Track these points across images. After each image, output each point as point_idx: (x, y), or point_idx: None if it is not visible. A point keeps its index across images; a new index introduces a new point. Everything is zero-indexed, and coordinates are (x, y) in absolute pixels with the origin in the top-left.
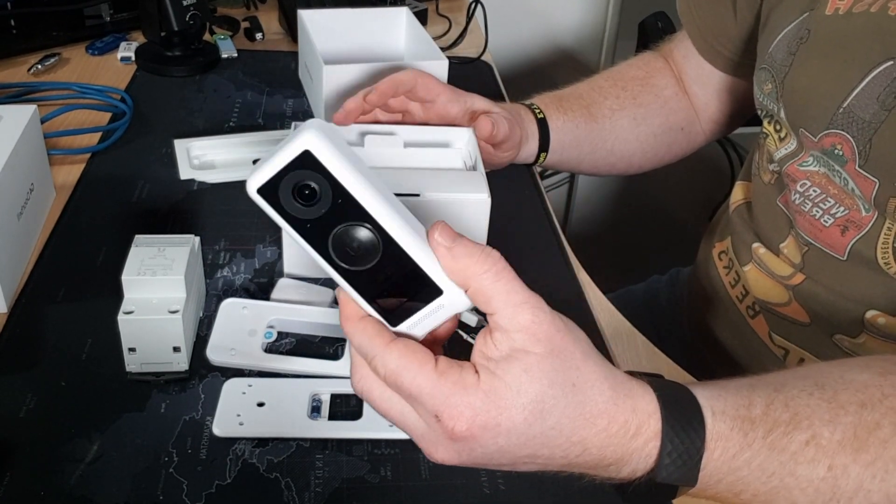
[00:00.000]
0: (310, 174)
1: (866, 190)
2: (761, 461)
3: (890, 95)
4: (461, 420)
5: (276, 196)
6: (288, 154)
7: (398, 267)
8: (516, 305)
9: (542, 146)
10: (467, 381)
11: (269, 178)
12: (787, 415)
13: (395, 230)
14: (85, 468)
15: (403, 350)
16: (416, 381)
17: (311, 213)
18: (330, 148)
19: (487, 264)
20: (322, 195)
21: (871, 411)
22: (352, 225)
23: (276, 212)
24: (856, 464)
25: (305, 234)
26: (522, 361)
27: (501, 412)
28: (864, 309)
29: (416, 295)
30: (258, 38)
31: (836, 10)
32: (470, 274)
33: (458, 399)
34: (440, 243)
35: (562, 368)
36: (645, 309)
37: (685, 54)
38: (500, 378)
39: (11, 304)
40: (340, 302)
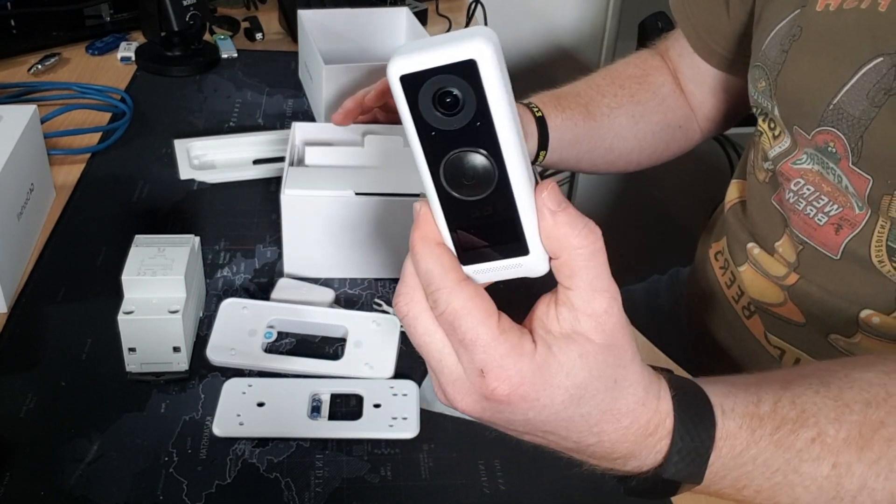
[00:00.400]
0: (463, 85)
1: (860, 187)
2: (767, 458)
3: (879, 92)
4: (506, 384)
5: (416, 90)
6: (451, 54)
7: (499, 211)
8: (596, 291)
9: (541, 145)
10: (525, 347)
11: (419, 69)
12: (795, 412)
13: (517, 175)
14: (85, 468)
15: (473, 294)
16: (476, 330)
17: (444, 124)
18: (496, 67)
19: (588, 241)
20: (464, 109)
21: (876, 410)
22: (477, 152)
23: (408, 107)
24: (860, 462)
25: (426, 141)
26: (581, 346)
27: (546, 388)
28: (859, 308)
29: (501, 245)
30: (258, 39)
31: (826, 7)
32: (565, 245)
33: (511, 362)
34: (546, 205)
35: (612, 364)
36: (645, 308)
37: (680, 52)
38: (555, 355)
39: (11, 304)
40: (420, 218)
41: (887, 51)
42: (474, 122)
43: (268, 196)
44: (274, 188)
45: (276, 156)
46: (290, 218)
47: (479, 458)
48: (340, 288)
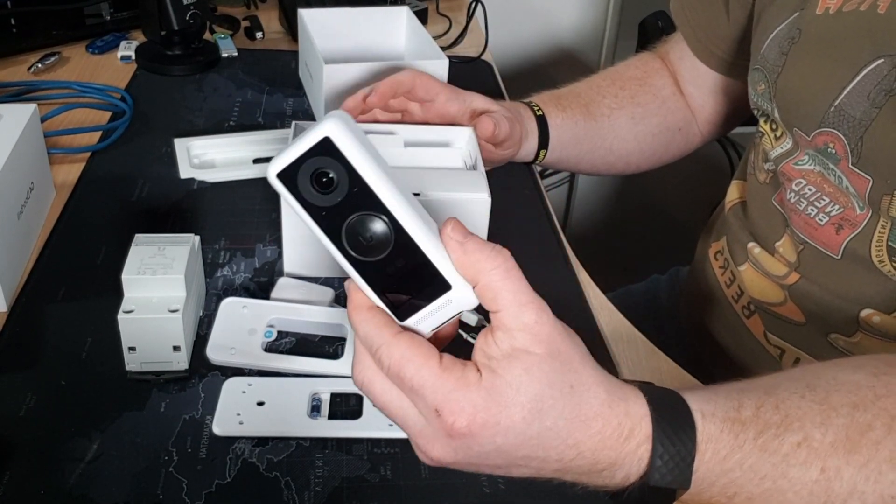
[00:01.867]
0: (328, 161)
1: (860, 188)
2: (753, 463)
3: (880, 93)
4: (462, 416)
5: (294, 182)
6: (309, 140)
7: (409, 259)
8: (521, 305)
9: (541, 143)
10: (469, 378)
11: (289, 163)
12: (778, 417)
13: (408, 222)
14: (85, 467)
15: (409, 342)
16: (420, 374)
17: (327, 201)
18: (350, 137)
19: (498, 261)
20: (339, 183)
21: (864, 412)
22: (366, 215)
23: (294, 197)
24: (849, 466)
25: (320, 221)
26: (523, 361)
27: (501, 410)
28: (859, 308)
29: (424, 289)
30: (258, 38)
31: (826, 10)
32: (480, 269)
33: (460, 395)
34: (452, 237)
35: (561, 370)
36: (645, 308)
37: (680, 55)
38: (501, 376)
39: (11, 303)
40: (349, 292)
41: (887, 52)
42: (352, 189)
43: (268, 195)
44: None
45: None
46: (290, 217)
47: None
48: (340, 287)
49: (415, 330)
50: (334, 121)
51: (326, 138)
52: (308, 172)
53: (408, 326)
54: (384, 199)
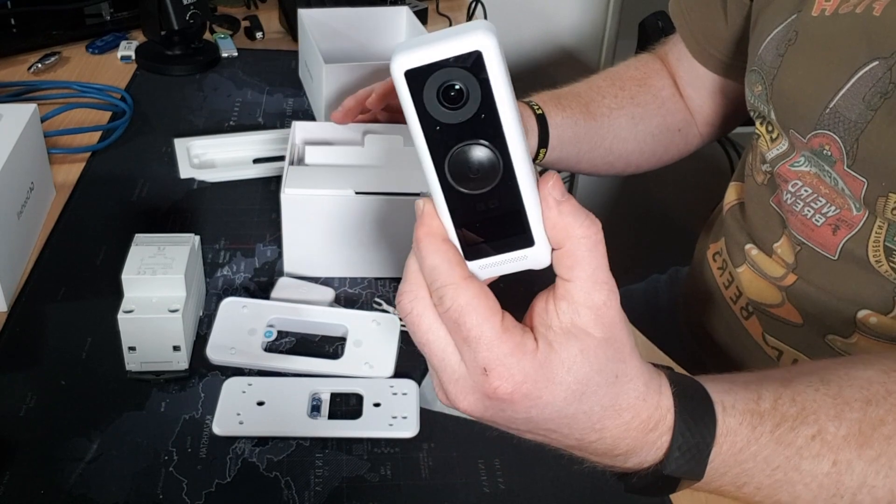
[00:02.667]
0: (468, 77)
1: (856, 189)
2: (767, 455)
3: (875, 95)
4: (509, 382)
5: (420, 85)
6: (455, 47)
7: (504, 203)
8: (596, 282)
9: (541, 142)
10: (527, 346)
11: (424, 63)
12: (795, 409)
13: (521, 166)
14: (85, 467)
15: (478, 291)
16: (481, 328)
17: (448, 117)
18: (500, 58)
19: (591, 231)
20: (468, 103)
21: (876, 408)
22: (483, 144)
23: (413, 102)
24: (860, 459)
25: (431, 136)
26: (581, 341)
27: (548, 385)
28: (856, 308)
29: (506, 238)
30: (258, 37)
31: (822, 12)
32: (570, 234)
33: (514, 361)
34: (551, 194)
35: (613, 358)
36: (645, 308)
37: (679, 57)
38: (557, 352)
39: (11, 303)
40: (424, 214)
41: (882, 54)
42: (479, 114)
43: (268, 195)
44: (274, 187)
45: (276, 155)
46: (290, 217)
47: (479, 457)
48: (340, 287)
49: (476, 274)
50: (487, 34)
51: (477, 52)
52: (440, 80)
53: (472, 269)
54: (509, 135)
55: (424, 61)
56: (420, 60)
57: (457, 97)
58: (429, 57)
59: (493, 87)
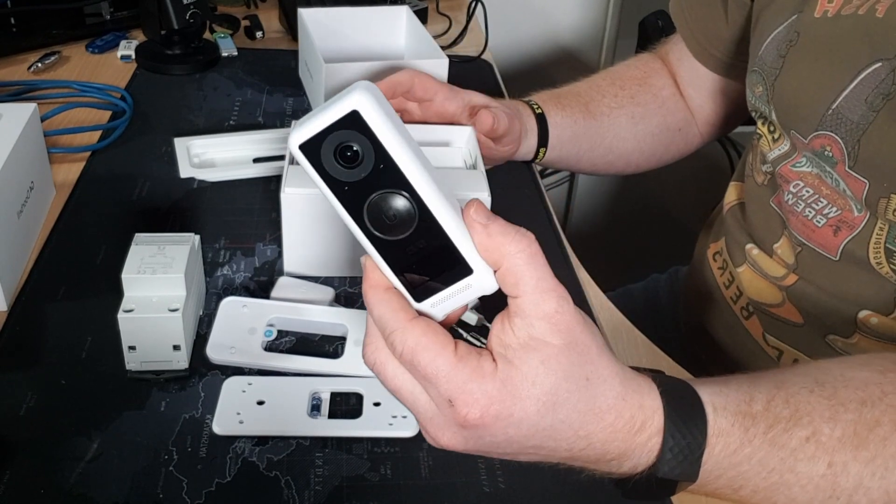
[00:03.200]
0: (355, 136)
1: (856, 191)
2: (762, 457)
3: (878, 97)
4: (475, 407)
5: (317, 154)
6: (335, 113)
7: (431, 240)
8: (543, 292)
9: (540, 141)
10: (485, 369)
11: (313, 134)
12: (788, 411)
13: (434, 203)
14: (85, 466)
15: (426, 329)
16: (435, 363)
17: (351, 176)
18: (378, 111)
19: (522, 244)
20: (364, 158)
21: (872, 409)
22: (390, 192)
23: (315, 170)
24: (856, 461)
25: (342, 196)
26: (540, 352)
27: (516, 402)
28: (857, 309)
29: (445, 272)
30: (258, 37)
31: (824, 13)
32: (504, 253)
33: (475, 386)
34: (476, 220)
35: (578, 362)
36: (644, 307)
37: (679, 56)
38: (517, 367)
39: (11, 302)
40: (366, 269)
41: (885, 56)
42: (377, 165)
43: (268, 194)
44: (274, 186)
45: (276, 154)
46: (290, 216)
47: (479, 456)
48: (340, 286)
49: (428, 314)
50: (362, 93)
51: (354, 112)
52: (332, 145)
53: (422, 310)
54: (411, 177)
55: (312, 132)
56: (308, 133)
57: (352, 156)
58: (315, 128)
59: (380, 139)
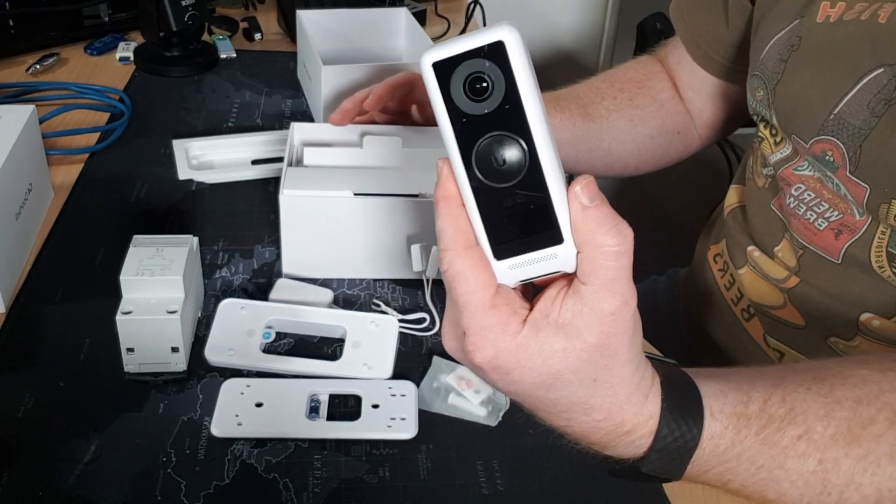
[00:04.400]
0: (492, 68)
1: (858, 195)
2: (751, 455)
3: (880, 102)
4: (481, 353)
5: (448, 77)
6: (480, 39)
7: (531, 197)
8: (610, 292)
9: None
10: (510, 326)
11: (451, 55)
12: (784, 410)
13: (546, 159)
14: (83, 468)
15: (475, 262)
16: (469, 297)
17: (474, 109)
18: (522, 50)
19: (614, 241)
20: (493, 94)
21: (867, 406)
22: (508, 136)
23: (440, 93)
24: (847, 458)
25: (458, 127)
26: (568, 340)
27: (518, 366)
28: (859, 312)
29: (535, 234)
30: (257, 39)
31: (827, 18)
32: (590, 241)
33: (491, 335)
34: (578, 197)
35: (598, 364)
36: (643, 309)
37: (679, 59)
38: (540, 340)
39: (10, 304)
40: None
41: (888, 61)
42: (504, 105)
43: (266, 196)
44: (272, 188)
45: (274, 156)
46: (288, 218)
47: (478, 458)
48: (339, 288)
49: (503, 278)
50: (511, 28)
51: (500, 42)
52: (466, 72)
53: (499, 270)
54: (534, 127)
55: (450, 53)
56: (446, 53)
57: (483, 88)
58: (454, 49)
59: (517, 78)
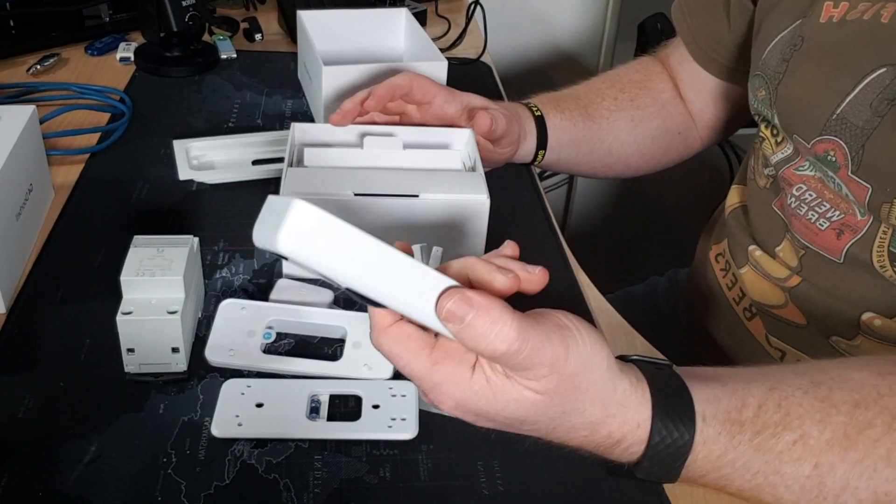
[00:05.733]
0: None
1: (859, 195)
2: (745, 461)
3: (883, 102)
4: (445, 405)
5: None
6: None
7: None
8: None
9: (539, 144)
10: (458, 377)
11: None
12: (779, 415)
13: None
14: (83, 469)
15: (399, 336)
16: (411, 366)
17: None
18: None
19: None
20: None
21: (865, 411)
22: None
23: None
24: (843, 462)
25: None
26: (518, 392)
27: (486, 407)
28: (860, 311)
29: None
30: (257, 39)
31: (829, 18)
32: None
33: (445, 389)
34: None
35: (557, 403)
36: (643, 309)
37: (680, 60)
38: (492, 390)
39: (10, 304)
40: None
41: (890, 61)
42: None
43: (267, 196)
44: (273, 188)
45: (275, 156)
46: None
47: (478, 459)
48: (339, 289)
49: None
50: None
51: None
52: None
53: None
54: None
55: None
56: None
57: None
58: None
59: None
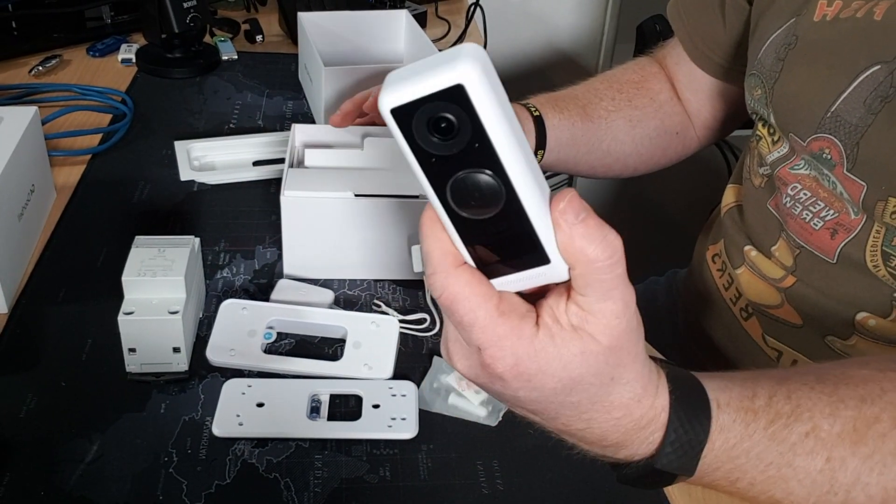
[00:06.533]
0: (455, 109)
1: (854, 193)
2: (760, 451)
3: (876, 99)
4: (503, 362)
5: (409, 121)
6: (437, 82)
7: (513, 227)
8: (609, 299)
9: (538, 144)
10: (524, 330)
11: (408, 100)
12: (789, 407)
13: (525, 191)
14: (85, 468)
15: (468, 279)
16: (475, 314)
17: (442, 149)
18: (485, 88)
19: (605, 254)
20: (460, 133)
21: (871, 405)
22: (480, 172)
23: (404, 137)
24: (854, 457)
25: (428, 168)
26: (584, 344)
27: (539, 373)
28: (855, 311)
29: (520, 257)
30: (258, 41)
31: (823, 16)
32: (581, 259)
33: (508, 343)
34: (562, 217)
35: (613, 364)
36: (642, 310)
37: (677, 60)
38: (557, 346)
39: (12, 304)
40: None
41: (884, 59)
42: (472, 143)
43: (267, 197)
44: (274, 189)
45: (275, 157)
46: (289, 219)
47: (478, 458)
48: (340, 289)
49: None
50: (469, 64)
51: (459, 86)
52: (427, 114)
53: None
54: (506, 162)
55: (408, 99)
56: (403, 98)
57: (447, 129)
58: (412, 94)
59: (481, 118)
